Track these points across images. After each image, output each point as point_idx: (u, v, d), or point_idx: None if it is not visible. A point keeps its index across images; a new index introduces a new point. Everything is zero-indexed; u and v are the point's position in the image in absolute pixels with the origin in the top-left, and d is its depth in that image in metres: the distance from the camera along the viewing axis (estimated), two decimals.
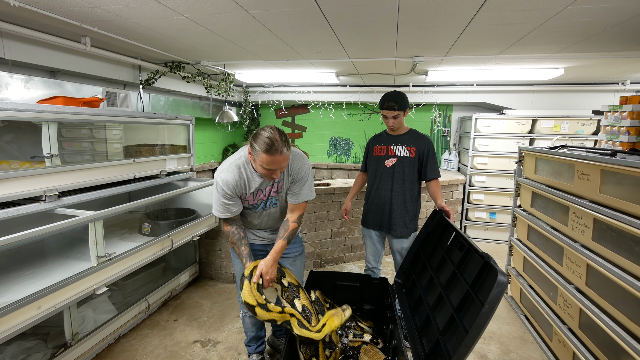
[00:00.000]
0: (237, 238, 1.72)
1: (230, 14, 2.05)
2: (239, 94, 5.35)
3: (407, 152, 2.20)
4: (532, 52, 2.85)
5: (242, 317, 2.02)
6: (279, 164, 1.51)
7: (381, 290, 2.09)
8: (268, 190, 1.73)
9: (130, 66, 3.33)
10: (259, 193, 1.71)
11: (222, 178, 1.62)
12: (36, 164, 1.88)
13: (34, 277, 1.86)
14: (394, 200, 2.21)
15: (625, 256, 1.60)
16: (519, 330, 2.54)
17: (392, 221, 2.23)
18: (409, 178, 2.20)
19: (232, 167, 1.65)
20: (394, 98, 2.15)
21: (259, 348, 2.09)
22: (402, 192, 2.21)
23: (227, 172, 1.64)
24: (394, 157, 2.22)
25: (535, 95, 4.58)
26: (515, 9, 1.89)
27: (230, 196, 1.65)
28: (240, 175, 1.65)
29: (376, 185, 2.28)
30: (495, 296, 1.12)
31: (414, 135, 2.25)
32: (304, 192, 1.72)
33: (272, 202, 1.77)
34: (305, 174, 1.72)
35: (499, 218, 4.39)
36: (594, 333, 1.79)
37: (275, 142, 1.47)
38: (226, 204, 1.66)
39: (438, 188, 2.21)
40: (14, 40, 2.30)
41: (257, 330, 2.04)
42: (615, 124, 2.27)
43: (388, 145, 2.26)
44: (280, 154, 1.49)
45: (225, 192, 1.63)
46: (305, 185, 1.72)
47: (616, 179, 1.69)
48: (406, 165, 2.19)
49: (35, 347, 1.93)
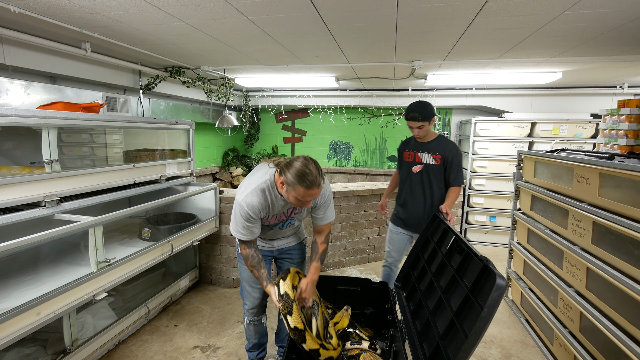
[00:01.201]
0: (256, 261, 1.69)
1: (230, 20, 2.07)
2: (239, 99, 5.37)
3: (433, 159, 2.31)
4: (531, 56, 2.87)
5: (247, 325, 2.00)
6: (315, 196, 1.53)
7: (381, 294, 2.09)
8: (289, 211, 1.75)
9: (130, 71, 3.34)
10: (280, 216, 1.74)
11: (248, 202, 1.58)
12: (36, 170, 1.88)
13: (34, 283, 1.86)
14: (423, 204, 2.35)
15: (624, 259, 1.60)
16: (520, 334, 2.53)
17: (421, 223, 2.33)
18: (435, 183, 2.32)
19: (257, 192, 1.60)
20: (417, 109, 2.23)
21: (260, 355, 2.09)
22: (431, 196, 2.33)
23: (252, 196, 1.59)
24: (421, 164, 2.34)
25: (534, 99, 4.60)
26: (513, 14, 1.91)
27: (255, 219, 1.62)
28: (266, 199, 1.62)
29: (405, 189, 2.43)
30: (494, 300, 1.12)
31: (440, 143, 2.33)
32: (328, 215, 1.78)
33: (291, 222, 1.81)
34: (329, 197, 1.76)
35: (499, 221, 4.39)
36: (595, 336, 1.79)
37: (315, 177, 1.48)
38: (249, 227, 1.63)
39: (454, 194, 2.29)
40: (14, 46, 2.32)
41: (259, 337, 2.04)
42: (613, 128, 2.28)
43: (416, 152, 2.38)
44: (318, 187, 1.50)
45: (250, 216, 1.60)
46: (329, 208, 1.78)
47: (615, 182, 1.70)
48: (432, 172, 2.31)
49: (34, 354, 1.92)
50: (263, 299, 1.94)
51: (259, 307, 1.95)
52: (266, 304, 1.99)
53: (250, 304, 1.93)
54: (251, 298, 1.91)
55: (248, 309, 1.95)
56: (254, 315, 1.96)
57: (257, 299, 1.91)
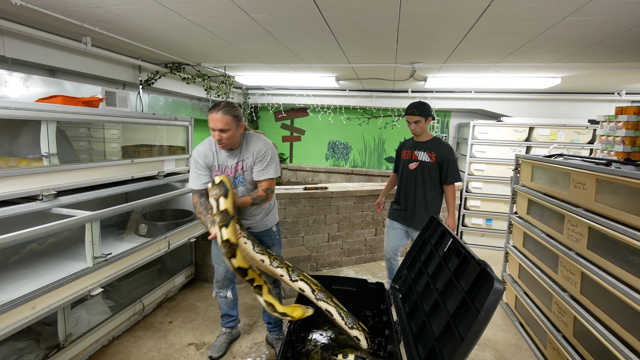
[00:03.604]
0: (202, 208, 1.88)
1: (233, 17, 2.06)
2: (238, 96, 5.35)
3: (428, 157, 2.50)
4: (530, 61, 2.89)
5: (215, 296, 2.27)
6: (214, 122, 1.78)
7: (377, 295, 2.09)
8: (234, 167, 1.96)
9: (130, 66, 3.32)
10: (226, 169, 1.97)
11: (196, 149, 1.98)
12: (34, 162, 1.87)
13: (29, 277, 1.84)
14: (416, 198, 2.53)
15: (619, 265, 1.61)
16: (514, 337, 2.55)
17: (414, 216, 2.54)
18: (429, 180, 2.50)
19: (205, 142, 1.99)
20: (416, 105, 2.49)
21: (229, 324, 2.33)
22: (423, 192, 2.52)
23: (200, 145, 1.99)
24: (417, 161, 2.54)
25: (532, 104, 4.63)
26: (514, 19, 1.92)
27: (202, 166, 1.93)
28: (210, 148, 1.96)
29: (402, 185, 2.62)
30: (491, 303, 1.13)
31: (435, 143, 2.54)
32: (265, 172, 1.93)
33: (240, 180, 1.99)
34: (267, 153, 1.94)
35: (495, 224, 4.41)
36: (588, 341, 1.81)
37: (217, 104, 1.80)
38: (197, 174, 1.94)
39: (451, 194, 2.52)
40: (14, 38, 2.30)
41: (228, 309, 2.30)
42: (610, 134, 2.30)
43: (413, 151, 2.58)
44: (216, 113, 1.77)
45: (197, 161, 1.94)
46: (267, 167, 1.94)
47: (611, 188, 1.71)
48: (426, 169, 2.50)
49: (27, 348, 1.91)
50: (227, 274, 2.19)
51: (223, 280, 2.21)
52: (231, 279, 2.24)
53: (216, 277, 2.22)
54: (217, 273, 2.20)
55: (215, 281, 2.25)
56: (219, 288, 2.24)
57: (221, 274, 2.18)
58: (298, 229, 3.52)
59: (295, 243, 3.53)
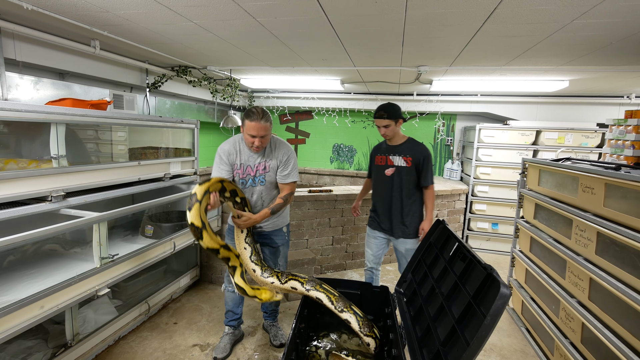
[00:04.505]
0: None
1: (239, 21, 2.08)
2: (243, 99, 5.39)
3: (404, 162, 2.36)
4: (538, 64, 2.87)
5: (224, 288, 2.31)
6: (257, 130, 1.90)
7: (382, 299, 2.08)
8: (256, 167, 2.07)
9: (137, 69, 3.37)
10: (247, 168, 2.07)
11: (221, 147, 2.11)
12: (43, 164, 1.90)
13: (38, 276, 1.87)
14: (394, 205, 2.39)
15: (629, 271, 1.59)
16: (520, 343, 2.52)
17: (392, 224, 2.42)
18: (407, 185, 2.37)
19: (230, 140, 2.13)
20: (384, 108, 2.30)
21: (231, 322, 2.36)
22: (400, 198, 2.38)
23: (225, 143, 2.11)
24: (393, 166, 2.39)
25: (539, 107, 4.59)
26: (521, 22, 1.91)
27: (225, 162, 2.06)
28: (235, 146, 2.09)
29: (379, 192, 2.48)
30: (498, 308, 1.12)
31: (410, 145, 2.40)
32: (290, 174, 2.06)
33: (260, 179, 2.08)
34: (291, 158, 2.07)
35: (501, 229, 4.37)
36: (597, 348, 1.78)
37: (257, 112, 1.91)
38: (220, 167, 2.07)
39: (429, 197, 2.39)
40: (25, 42, 2.34)
41: (232, 306, 2.34)
42: (620, 138, 2.27)
43: (387, 156, 2.43)
44: (258, 121, 1.88)
45: (221, 157, 2.07)
46: (290, 169, 2.06)
47: (620, 193, 1.69)
48: (404, 174, 2.37)
49: (35, 347, 1.93)
50: None
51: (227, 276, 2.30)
52: None
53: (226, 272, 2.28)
54: None
55: (225, 275, 2.31)
56: (228, 283, 2.28)
57: None
58: (302, 232, 3.52)
59: (300, 246, 3.53)
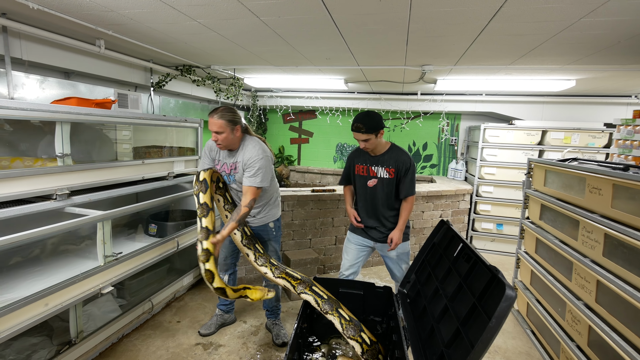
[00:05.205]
0: None
1: (243, 20, 2.08)
2: (247, 98, 5.39)
3: (387, 173, 2.21)
4: (544, 63, 2.84)
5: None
6: (211, 125, 1.97)
7: (385, 300, 2.07)
8: (230, 165, 2.15)
9: (142, 69, 3.38)
10: (224, 165, 2.18)
11: (207, 142, 2.23)
12: (48, 162, 1.91)
13: (42, 274, 1.88)
14: (381, 214, 2.27)
15: (637, 273, 1.56)
16: (525, 346, 2.49)
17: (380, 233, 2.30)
18: (390, 196, 2.25)
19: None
20: (361, 120, 2.05)
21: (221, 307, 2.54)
22: (387, 208, 2.27)
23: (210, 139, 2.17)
24: (375, 177, 2.25)
25: (545, 107, 4.54)
26: (527, 20, 1.89)
27: (207, 157, 2.21)
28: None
29: (363, 201, 2.33)
30: (503, 310, 1.10)
31: (393, 155, 2.21)
32: (251, 180, 2.03)
33: (232, 178, 2.17)
34: (256, 162, 2.03)
35: (506, 229, 4.33)
36: (604, 351, 1.75)
37: (215, 109, 1.99)
38: (204, 162, 2.23)
39: (405, 208, 2.24)
40: (30, 41, 2.36)
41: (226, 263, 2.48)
42: (628, 138, 2.24)
43: (369, 166, 2.25)
44: (212, 117, 1.97)
45: (205, 152, 2.23)
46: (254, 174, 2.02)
47: (629, 194, 1.66)
48: (386, 185, 2.23)
49: (40, 344, 1.94)
50: (226, 259, 2.44)
51: (223, 264, 2.44)
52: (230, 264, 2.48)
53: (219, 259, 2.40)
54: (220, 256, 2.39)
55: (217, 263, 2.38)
56: (220, 270, 2.39)
57: (222, 257, 2.41)
58: (305, 231, 3.52)
59: (303, 245, 3.53)
